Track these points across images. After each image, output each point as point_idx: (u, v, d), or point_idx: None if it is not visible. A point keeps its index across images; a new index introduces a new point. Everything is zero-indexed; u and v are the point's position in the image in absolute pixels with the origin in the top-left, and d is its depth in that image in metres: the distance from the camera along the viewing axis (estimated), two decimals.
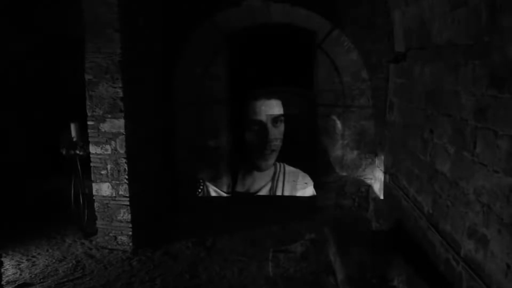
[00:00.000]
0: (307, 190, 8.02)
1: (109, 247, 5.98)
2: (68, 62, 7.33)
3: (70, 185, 6.48)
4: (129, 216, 5.88)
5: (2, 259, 5.43)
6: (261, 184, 8.26)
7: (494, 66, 3.33)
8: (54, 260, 5.69)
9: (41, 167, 7.82)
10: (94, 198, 6.00)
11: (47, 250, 5.98)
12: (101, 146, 5.80)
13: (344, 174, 7.35)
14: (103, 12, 5.49)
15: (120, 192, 5.85)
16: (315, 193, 7.73)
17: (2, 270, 5.23)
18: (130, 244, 5.94)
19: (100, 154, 5.83)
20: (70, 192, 6.47)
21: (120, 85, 5.62)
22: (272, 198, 8.12)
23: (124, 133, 5.71)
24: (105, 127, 5.74)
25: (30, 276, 5.26)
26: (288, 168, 8.24)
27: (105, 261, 5.65)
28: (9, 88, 7.56)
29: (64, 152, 6.34)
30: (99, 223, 6.04)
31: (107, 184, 5.87)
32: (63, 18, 7.59)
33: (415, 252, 4.69)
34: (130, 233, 5.92)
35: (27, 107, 7.90)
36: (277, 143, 8.22)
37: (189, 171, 7.59)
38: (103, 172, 5.86)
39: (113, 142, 5.75)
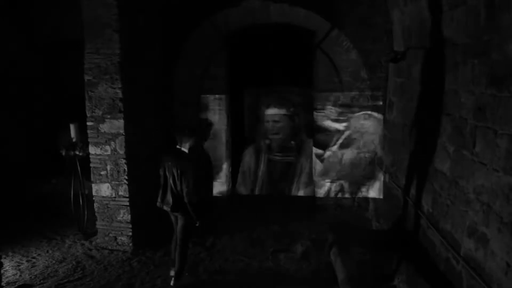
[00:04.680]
0: (307, 189, 8.01)
1: (109, 247, 5.99)
2: (67, 62, 7.32)
3: (70, 186, 6.48)
4: (129, 216, 5.89)
5: (2, 260, 5.43)
6: None
7: (493, 65, 3.33)
8: (54, 261, 5.69)
9: (41, 168, 7.82)
10: (93, 198, 6.01)
11: (47, 251, 5.98)
12: (100, 146, 5.80)
13: (344, 173, 7.34)
14: (102, 13, 5.50)
15: (120, 193, 5.85)
16: (315, 193, 7.71)
17: (2, 271, 5.23)
18: (130, 244, 5.94)
19: (99, 154, 5.83)
20: (69, 193, 6.46)
21: (120, 86, 5.62)
22: (272, 198, 8.12)
23: (123, 133, 5.71)
24: (105, 127, 5.74)
25: (30, 277, 5.26)
26: None
27: (105, 262, 5.65)
28: (8, 89, 7.55)
29: (63, 153, 6.34)
30: (99, 224, 6.05)
31: (107, 184, 5.88)
32: (63, 18, 7.58)
33: (415, 251, 4.69)
34: (130, 233, 5.93)
35: (27, 107, 7.90)
36: None
37: None
38: (102, 172, 5.86)
39: (112, 143, 5.75)
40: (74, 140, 6.26)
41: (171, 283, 5.01)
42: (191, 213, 4.82)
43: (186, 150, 4.86)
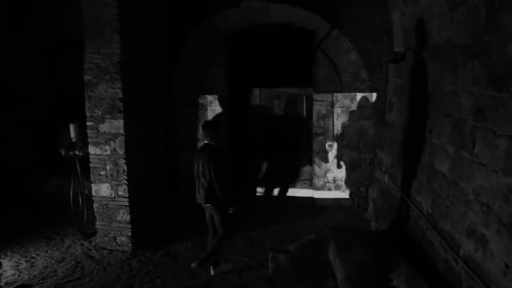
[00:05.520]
0: (307, 189, 8.01)
1: (109, 247, 5.98)
2: (67, 62, 7.33)
3: (70, 186, 6.48)
4: (129, 216, 5.88)
5: (1, 260, 5.44)
6: None
7: (493, 66, 3.33)
8: (53, 261, 5.68)
9: (41, 167, 7.81)
10: (93, 198, 6.00)
11: (46, 251, 5.97)
12: (100, 146, 5.80)
13: (344, 173, 7.34)
14: (102, 13, 5.50)
15: (120, 193, 5.85)
16: (314, 193, 7.72)
17: (1, 271, 5.24)
18: (130, 244, 5.94)
19: (99, 154, 5.83)
20: (69, 193, 6.46)
21: (120, 86, 5.62)
22: (272, 198, 8.12)
23: (123, 133, 5.70)
24: (104, 127, 5.74)
25: (29, 277, 5.25)
26: None
27: (105, 262, 5.65)
28: (9, 88, 7.56)
29: (63, 153, 6.34)
30: (98, 224, 6.04)
31: (107, 184, 5.87)
32: (63, 18, 7.58)
33: (414, 251, 4.68)
34: (130, 233, 5.92)
35: (27, 107, 7.90)
36: None
37: (189, 171, 7.56)
38: (102, 172, 5.86)
39: (112, 143, 5.75)
40: (73, 140, 6.26)
41: (192, 265, 5.22)
42: (224, 198, 5.10)
43: (213, 144, 5.23)
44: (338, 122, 7.24)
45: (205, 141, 5.26)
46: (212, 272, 5.32)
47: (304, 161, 7.97)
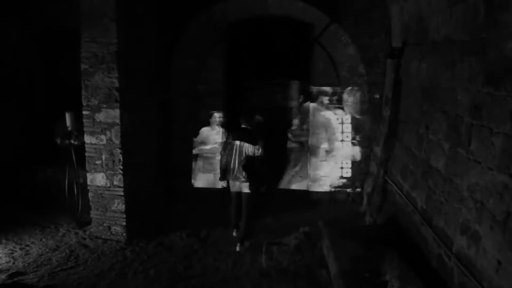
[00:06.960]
0: (302, 183, 8.02)
1: (103, 237, 5.98)
2: (66, 52, 7.25)
3: (65, 175, 6.46)
4: (123, 206, 5.88)
5: None
6: None
7: (490, 63, 3.34)
8: (47, 249, 5.68)
9: (37, 156, 7.76)
10: (88, 188, 5.99)
11: (41, 240, 5.97)
12: (96, 136, 5.77)
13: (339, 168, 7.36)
14: (99, 2, 5.44)
15: (115, 183, 5.84)
16: (310, 187, 7.73)
17: None
18: (124, 234, 5.94)
19: (95, 144, 5.81)
20: (64, 182, 6.45)
21: (116, 75, 5.59)
22: (267, 191, 8.11)
23: (119, 123, 5.68)
24: (100, 117, 5.72)
25: (23, 265, 5.25)
26: None
27: (99, 251, 5.65)
28: (7, 79, 7.48)
29: (58, 142, 6.32)
30: (93, 213, 6.04)
31: (102, 174, 5.86)
32: (62, 8, 7.49)
33: (408, 247, 4.71)
34: (124, 223, 5.92)
35: (25, 97, 7.83)
36: None
37: (184, 162, 7.58)
38: (97, 162, 5.84)
39: (108, 132, 5.73)
40: (69, 129, 6.24)
41: (237, 249, 5.69)
42: (263, 173, 5.63)
43: (251, 128, 5.75)
44: (335, 116, 7.24)
45: (242, 126, 5.74)
46: (237, 249, 5.69)
47: (301, 155, 7.96)
